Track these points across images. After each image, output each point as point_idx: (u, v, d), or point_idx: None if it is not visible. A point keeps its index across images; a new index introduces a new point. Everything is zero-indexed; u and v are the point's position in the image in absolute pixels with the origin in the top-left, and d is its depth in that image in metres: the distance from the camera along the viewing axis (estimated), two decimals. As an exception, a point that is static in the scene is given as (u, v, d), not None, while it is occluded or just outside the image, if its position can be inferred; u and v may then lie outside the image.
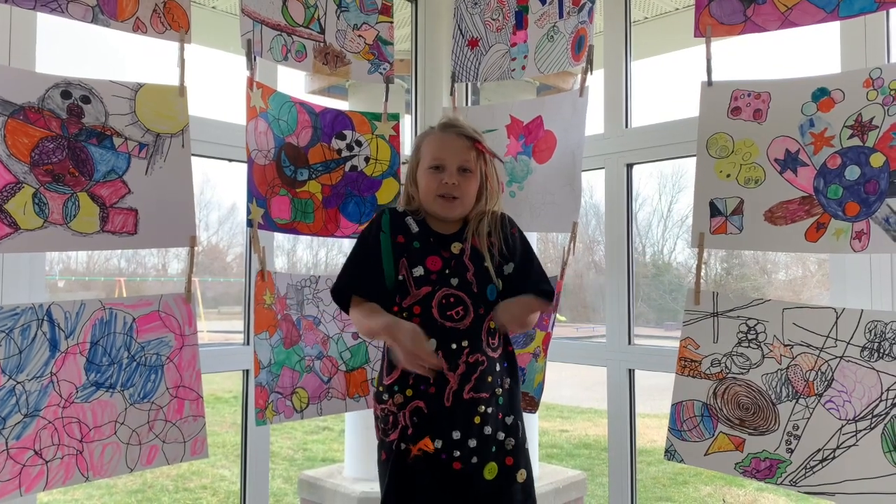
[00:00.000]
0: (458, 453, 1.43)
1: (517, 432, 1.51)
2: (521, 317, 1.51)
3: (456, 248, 1.53)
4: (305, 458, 5.91)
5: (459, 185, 1.50)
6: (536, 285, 1.54)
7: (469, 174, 1.52)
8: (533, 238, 3.43)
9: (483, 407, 1.46)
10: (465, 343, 1.46)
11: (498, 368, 1.50)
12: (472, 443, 1.44)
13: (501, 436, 1.48)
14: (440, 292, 1.47)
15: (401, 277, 1.49)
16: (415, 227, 1.54)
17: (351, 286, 1.51)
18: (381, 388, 1.51)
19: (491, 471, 1.46)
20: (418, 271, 1.49)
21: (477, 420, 1.45)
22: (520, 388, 1.58)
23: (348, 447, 3.74)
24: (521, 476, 1.50)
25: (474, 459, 1.44)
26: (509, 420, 1.50)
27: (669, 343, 1.68)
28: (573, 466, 4.94)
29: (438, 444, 1.44)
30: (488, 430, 1.46)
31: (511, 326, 1.51)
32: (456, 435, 1.43)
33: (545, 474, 3.65)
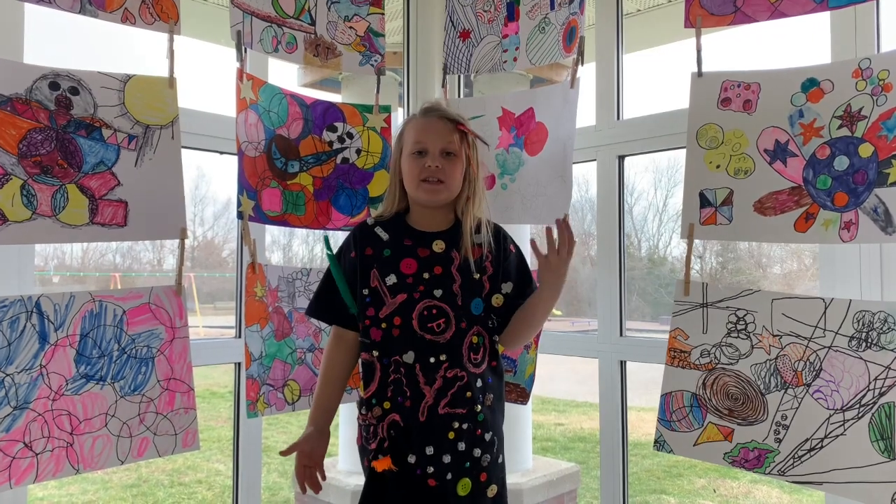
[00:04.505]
0: (431, 469, 1.40)
1: (493, 448, 1.47)
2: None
3: (438, 246, 1.47)
4: (301, 452, 5.91)
5: (443, 168, 1.45)
6: None
7: (453, 157, 1.46)
8: (525, 231, 3.43)
9: (458, 423, 1.41)
10: (443, 357, 1.41)
11: (479, 384, 1.45)
12: (447, 458, 1.40)
13: (477, 452, 1.43)
14: (421, 304, 1.43)
15: (373, 287, 1.46)
16: (385, 236, 1.50)
17: (309, 310, 1.61)
18: (361, 401, 1.49)
19: (465, 487, 1.42)
20: (391, 279, 1.44)
21: (451, 436, 1.41)
22: (503, 403, 1.54)
23: (342, 441, 3.74)
24: (491, 491, 1.45)
25: (449, 476, 1.40)
26: (487, 437, 1.45)
27: (664, 336, 1.68)
28: (568, 459, 4.96)
29: (412, 459, 1.40)
30: (462, 446, 1.41)
31: (552, 293, 1.45)
32: (429, 450, 1.40)
33: (539, 467, 3.66)
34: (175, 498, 4.77)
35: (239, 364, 1.99)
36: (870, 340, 1.42)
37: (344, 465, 3.65)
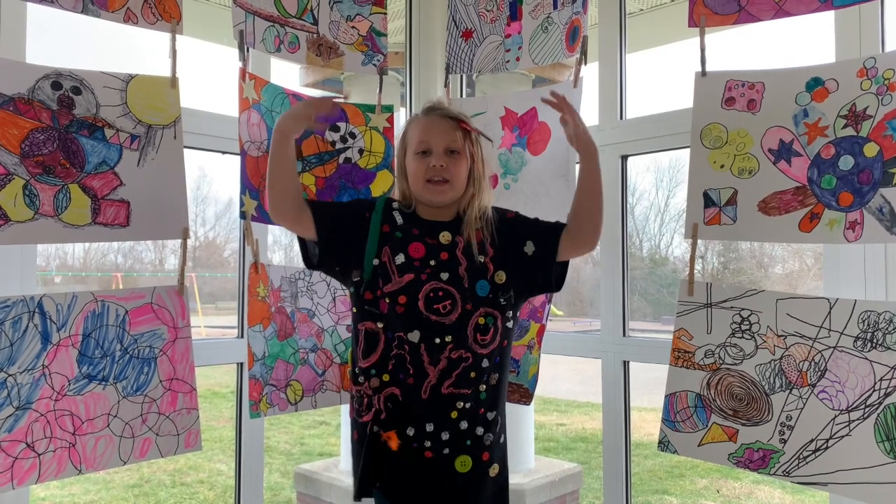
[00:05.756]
0: (428, 443, 1.42)
1: (496, 427, 1.49)
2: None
3: (445, 237, 1.49)
4: (302, 452, 5.92)
5: (447, 167, 1.47)
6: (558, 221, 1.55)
7: (457, 155, 1.48)
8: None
9: (462, 403, 1.43)
10: (448, 338, 1.43)
11: (485, 364, 1.46)
12: (445, 435, 1.42)
13: (480, 431, 1.45)
14: (428, 285, 1.44)
15: (383, 261, 1.46)
16: (399, 219, 1.51)
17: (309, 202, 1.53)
18: (356, 370, 1.49)
19: (464, 463, 1.44)
20: (400, 258, 1.46)
21: (454, 415, 1.43)
22: (506, 381, 1.55)
23: (344, 441, 3.74)
24: (493, 470, 1.47)
25: (446, 451, 1.43)
26: (490, 416, 1.47)
27: (667, 337, 1.68)
28: (570, 460, 4.95)
29: (411, 431, 1.43)
30: (464, 424, 1.44)
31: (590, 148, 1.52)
32: (429, 427, 1.42)
33: (541, 467, 3.65)
34: (177, 498, 4.77)
35: (241, 364, 1.99)
36: (875, 341, 1.41)
37: (346, 466, 3.64)
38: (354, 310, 1.51)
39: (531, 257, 1.51)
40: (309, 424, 6.92)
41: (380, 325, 1.46)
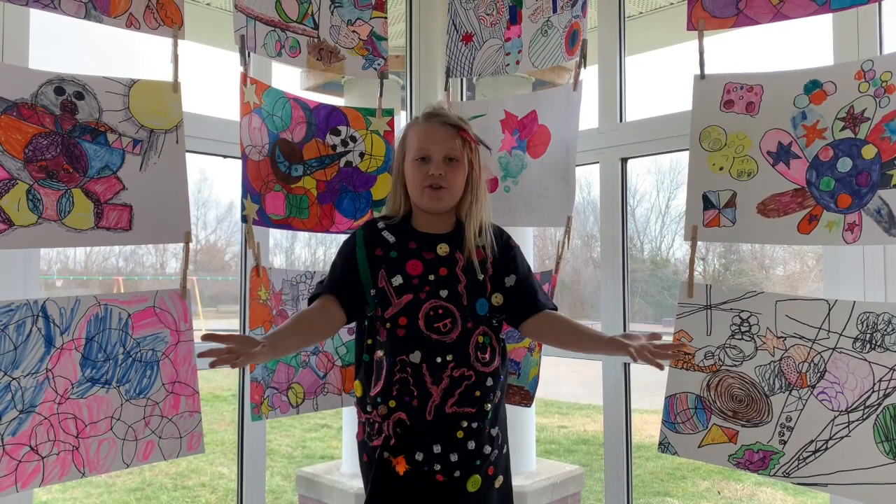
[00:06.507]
0: (438, 466, 1.41)
1: (499, 441, 1.50)
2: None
3: (443, 249, 1.49)
4: (304, 455, 5.92)
5: (446, 175, 1.47)
6: (546, 301, 1.55)
7: (456, 163, 1.48)
8: (528, 232, 3.44)
9: (467, 422, 1.42)
10: (449, 357, 1.42)
11: (489, 383, 1.46)
12: (454, 457, 1.41)
13: (487, 449, 1.45)
14: (427, 304, 1.44)
15: (380, 287, 1.46)
16: (391, 238, 1.50)
17: (317, 290, 1.52)
18: (366, 399, 1.48)
19: (475, 483, 1.43)
20: (397, 280, 1.45)
21: (460, 435, 1.42)
22: (504, 395, 1.55)
23: (346, 444, 3.75)
24: (498, 482, 1.48)
25: (457, 473, 1.42)
26: (495, 432, 1.48)
27: (668, 339, 1.68)
28: (571, 462, 4.95)
29: (419, 456, 1.42)
30: (472, 444, 1.43)
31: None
32: (437, 449, 1.41)
33: (543, 469, 3.66)
34: (179, 502, 4.77)
35: (243, 367, 1.99)
36: (874, 342, 1.41)
37: (347, 469, 3.65)
38: (370, 341, 1.50)
39: (507, 289, 1.52)
40: (310, 427, 6.92)
41: (380, 352, 1.46)
